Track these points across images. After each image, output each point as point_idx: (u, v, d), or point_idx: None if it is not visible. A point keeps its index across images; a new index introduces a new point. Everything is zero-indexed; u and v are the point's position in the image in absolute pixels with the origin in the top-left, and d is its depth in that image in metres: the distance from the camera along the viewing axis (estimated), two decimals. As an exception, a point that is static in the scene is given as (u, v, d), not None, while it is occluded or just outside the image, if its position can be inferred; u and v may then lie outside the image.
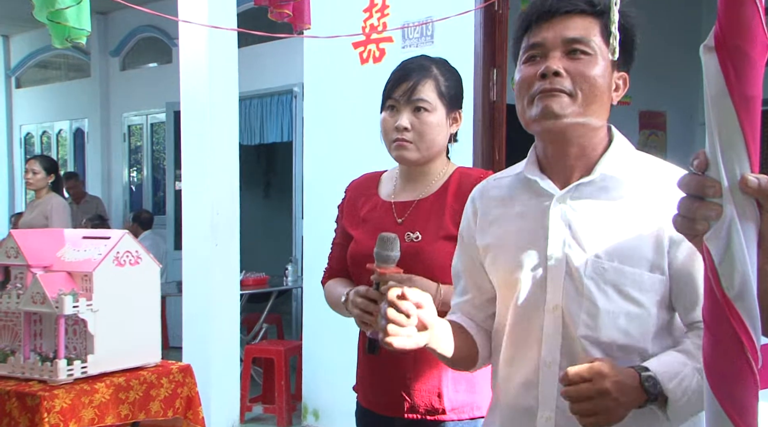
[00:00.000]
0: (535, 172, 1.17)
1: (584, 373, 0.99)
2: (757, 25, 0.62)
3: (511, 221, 1.19)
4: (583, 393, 0.98)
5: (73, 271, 2.09)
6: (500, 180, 1.26)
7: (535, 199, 1.16)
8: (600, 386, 0.98)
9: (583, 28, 1.11)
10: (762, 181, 0.65)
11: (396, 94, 1.55)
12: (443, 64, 1.61)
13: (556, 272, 1.11)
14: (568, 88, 1.08)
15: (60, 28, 1.69)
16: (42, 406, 1.88)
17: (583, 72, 1.09)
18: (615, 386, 0.98)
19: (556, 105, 1.08)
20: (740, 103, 0.64)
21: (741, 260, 0.66)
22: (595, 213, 1.11)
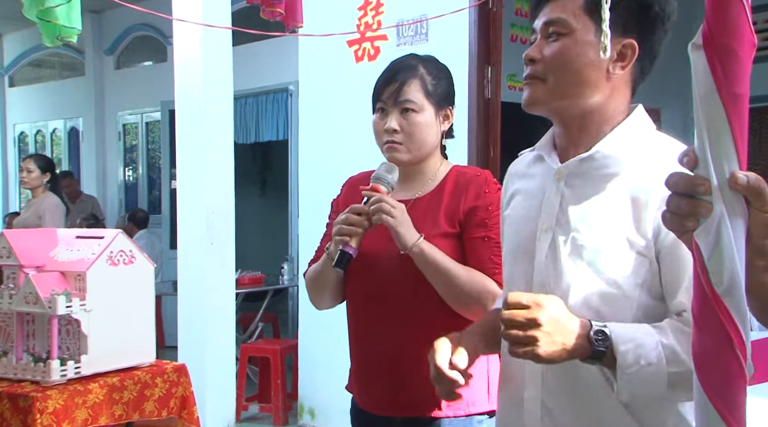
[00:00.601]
0: (544, 148, 1.19)
1: (523, 299, 0.97)
2: (744, 24, 0.63)
3: (523, 194, 1.21)
4: (514, 319, 0.96)
5: (66, 271, 2.09)
6: (524, 156, 1.27)
7: (543, 174, 1.17)
8: (532, 315, 0.95)
9: (561, 7, 1.10)
10: (750, 178, 0.66)
11: (384, 96, 1.55)
12: (431, 62, 1.60)
13: (542, 247, 1.12)
14: (540, 74, 1.09)
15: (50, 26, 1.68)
16: (35, 407, 1.87)
17: (554, 54, 1.08)
18: (550, 320, 0.95)
19: (530, 92, 1.11)
20: (728, 100, 0.64)
21: (730, 256, 0.66)
22: (586, 190, 1.10)
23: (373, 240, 1.56)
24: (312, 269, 1.63)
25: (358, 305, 1.61)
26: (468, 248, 1.53)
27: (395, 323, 1.53)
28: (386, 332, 1.54)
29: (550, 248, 1.10)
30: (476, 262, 1.52)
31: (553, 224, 1.11)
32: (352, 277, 1.60)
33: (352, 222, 1.43)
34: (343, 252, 1.41)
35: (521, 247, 1.16)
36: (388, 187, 1.48)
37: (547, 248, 1.11)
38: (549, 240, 1.11)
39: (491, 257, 1.51)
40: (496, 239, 1.52)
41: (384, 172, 1.49)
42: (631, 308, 1.05)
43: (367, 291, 1.57)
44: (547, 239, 1.11)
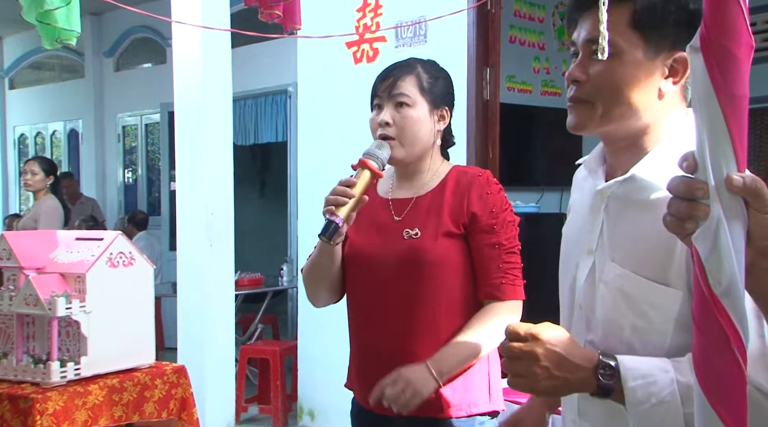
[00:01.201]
0: (591, 164, 1.13)
1: (520, 331, 0.93)
2: (742, 26, 0.63)
3: (573, 209, 1.18)
4: (512, 351, 0.93)
5: (66, 272, 2.09)
6: (582, 165, 1.20)
7: (590, 191, 1.12)
8: (530, 349, 0.92)
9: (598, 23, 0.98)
10: (747, 180, 0.66)
11: (379, 91, 1.56)
12: (430, 64, 1.61)
13: (583, 269, 1.08)
14: (587, 96, 1.02)
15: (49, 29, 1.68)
16: (35, 408, 1.87)
17: (601, 77, 1.01)
18: (548, 354, 0.92)
19: (577, 118, 1.04)
20: (726, 102, 0.65)
21: (728, 258, 0.66)
22: (625, 215, 1.04)
23: (372, 238, 1.57)
24: (308, 260, 1.63)
25: (358, 303, 1.61)
26: (476, 256, 1.53)
27: (396, 320, 1.53)
28: (387, 329, 1.54)
29: (590, 273, 1.07)
30: (483, 274, 1.53)
31: (594, 247, 1.07)
32: (351, 273, 1.60)
33: (338, 192, 1.43)
34: (330, 221, 1.41)
35: (567, 266, 1.13)
36: (378, 163, 1.48)
37: (587, 273, 1.07)
38: (590, 264, 1.07)
39: (500, 265, 1.51)
40: (506, 245, 1.53)
41: (374, 149, 1.50)
42: (664, 344, 0.98)
43: (367, 289, 1.57)
44: (588, 262, 1.07)
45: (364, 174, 1.45)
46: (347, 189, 1.43)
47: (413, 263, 1.50)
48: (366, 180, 1.45)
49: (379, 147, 1.50)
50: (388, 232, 1.56)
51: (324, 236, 1.41)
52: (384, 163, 1.50)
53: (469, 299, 1.54)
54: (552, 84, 5.04)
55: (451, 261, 1.52)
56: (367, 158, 1.47)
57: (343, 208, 1.41)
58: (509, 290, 1.52)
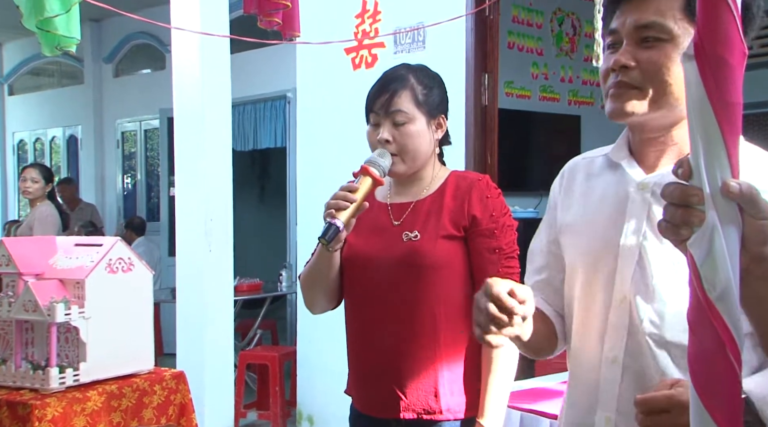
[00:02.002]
0: (621, 155, 1.11)
1: (663, 403, 0.87)
2: (735, 33, 0.63)
3: (592, 201, 1.14)
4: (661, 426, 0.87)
5: (65, 278, 2.09)
6: (590, 159, 1.19)
7: (617, 183, 1.10)
8: (680, 421, 0.84)
9: (657, 9, 1.00)
10: (743, 186, 0.66)
11: (375, 108, 1.56)
12: (422, 71, 1.61)
13: (628, 261, 1.04)
14: (637, 82, 1.00)
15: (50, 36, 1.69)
16: (33, 415, 1.87)
17: (655, 62, 0.99)
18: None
19: (625, 104, 1.02)
20: (720, 110, 0.65)
21: (722, 264, 0.67)
22: None
23: (371, 242, 1.57)
24: (305, 267, 1.64)
25: (357, 307, 1.61)
26: (476, 260, 1.54)
27: (394, 325, 1.53)
28: (385, 334, 1.54)
29: (638, 264, 1.04)
30: (482, 279, 1.51)
31: (641, 238, 1.04)
32: (350, 276, 1.60)
33: (339, 197, 1.43)
34: (330, 224, 1.41)
35: (599, 258, 1.08)
36: (380, 170, 1.49)
37: (636, 264, 1.04)
38: (636, 255, 1.04)
39: (499, 269, 1.51)
40: (506, 249, 1.53)
41: (376, 157, 1.51)
42: None
43: (366, 293, 1.57)
44: (633, 253, 1.04)
45: (365, 181, 1.46)
46: (348, 194, 1.43)
47: (413, 265, 1.51)
48: (367, 187, 1.46)
49: (381, 155, 1.51)
50: (387, 235, 1.57)
51: (324, 238, 1.41)
52: (385, 171, 1.51)
53: (468, 302, 1.54)
54: (550, 89, 5.06)
55: (450, 263, 1.52)
56: (369, 166, 1.48)
57: (343, 212, 1.42)
58: None
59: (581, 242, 1.13)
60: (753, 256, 0.68)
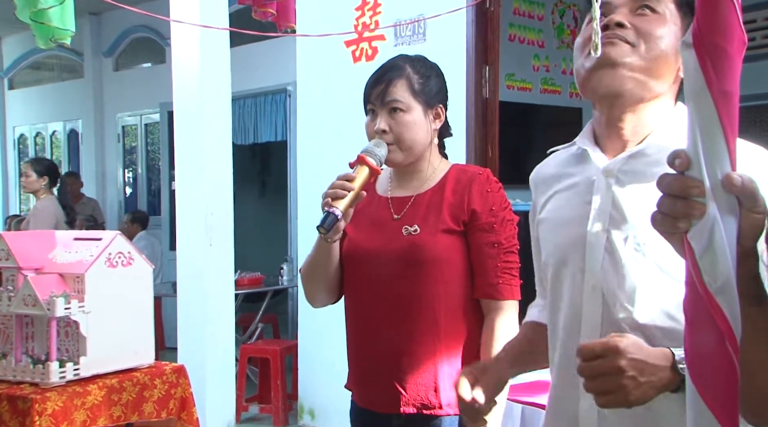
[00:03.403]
0: (586, 143, 1.11)
1: (597, 349, 0.90)
2: (734, 22, 0.63)
3: (561, 194, 1.14)
4: (595, 370, 0.90)
5: (64, 273, 2.09)
6: (557, 155, 1.20)
7: (585, 172, 1.11)
8: (613, 364, 0.89)
9: None
10: (745, 179, 0.65)
11: (372, 98, 1.56)
12: (419, 61, 1.60)
13: (596, 248, 1.05)
14: (631, 39, 1.01)
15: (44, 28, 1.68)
16: (33, 409, 1.87)
17: (648, 26, 1.01)
18: (632, 363, 0.89)
19: (616, 51, 1.01)
20: (719, 98, 0.64)
21: (723, 256, 0.66)
22: (643, 187, 1.02)
23: (371, 236, 1.57)
24: (306, 260, 1.63)
25: (357, 301, 1.61)
26: (474, 255, 1.53)
27: (394, 319, 1.53)
28: (385, 329, 1.54)
29: (606, 250, 1.04)
30: (481, 273, 1.53)
31: (607, 224, 1.05)
32: (350, 271, 1.60)
33: (337, 186, 1.43)
34: (328, 213, 1.40)
35: (568, 250, 1.10)
36: (377, 160, 1.48)
37: (604, 250, 1.04)
38: (603, 241, 1.05)
39: (498, 264, 1.51)
40: (505, 244, 1.53)
41: (373, 147, 1.50)
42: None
43: (366, 287, 1.57)
44: (600, 240, 1.05)
45: (362, 170, 1.46)
46: (346, 183, 1.43)
47: (413, 260, 1.50)
48: (365, 176, 1.45)
49: (377, 145, 1.51)
50: (388, 229, 1.56)
51: (322, 227, 1.41)
52: (382, 160, 1.50)
53: (468, 296, 1.54)
54: (551, 82, 5.04)
55: (450, 258, 1.52)
56: (366, 155, 1.47)
57: (341, 201, 1.41)
58: (506, 291, 1.52)
59: (553, 234, 1.14)
60: (744, 251, 0.67)
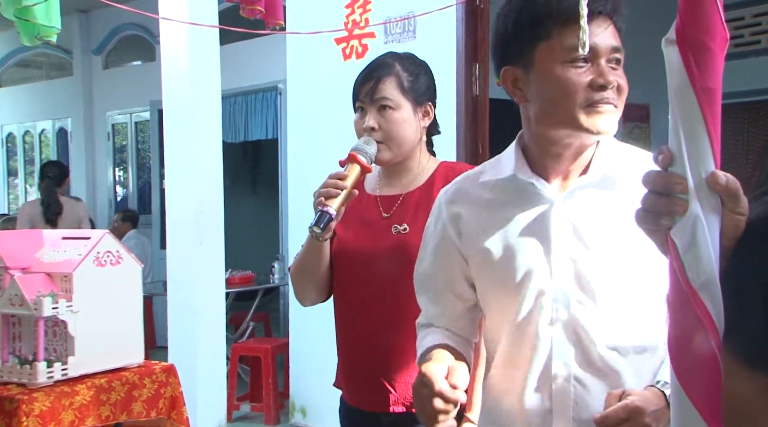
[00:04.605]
0: (528, 174, 1.13)
1: (621, 414, 0.95)
2: (717, 19, 0.63)
3: (506, 226, 1.14)
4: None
5: (52, 272, 2.08)
6: (484, 183, 1.19)
7: (531, 203, 1.13)
8: (641, 423, 0.94)
9: (614, 34, 1.07)
10: (729, 179, 0.66)
11: (361, 96, 1.56)
12: (408, 59, 1.60)
13: (563, 279, 1.08)
14: (614, 101, 1.08)
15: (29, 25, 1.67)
16: (21, 409, 1.86)
17: (622, 84, 1.08)
18: (652, 416, 0.95)
19: (613, 121, 1.08)
20: (702, 95, 0.64)
21: (706, 253, 0.66)
22: (598, 214, 1.08)
23: (360, 234, 1.56)
24: (295, 259, 1.63)
25: (346, 300, 1.61)
26: None
27: (383, 317, 1.53)
28: (374, 327, 1.54)
29: (576, 279, 1.07)
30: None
31: (573, 253, 1.08)
32: (339, 270, 1.59)
33: (330, 185, 1.43)
34: (322, 212, 1.40)
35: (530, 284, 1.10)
36: (367, 158, 1.48)
37: (575, 279, 1.07)
38: (571, 273, 1.08)
39: None
40: None
41: (363, 144, 1.50)
42: None
43: (355, 286, 1.57)
44: (568, 270, 1.08)
45: (354, 168, 1.45)
46: (338, 181, 1.43)
47: (402, 258, 1.50)
48: (356, 174, 1.45)
49: (367, 143, 1.51)
50: (377, 228, 1.56)
51: (317, 226, 1.41)
52: (372, 158, 1.50)
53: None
54: (542, 79, 5.04)
55: None
56: (357, 153, 1.47)
57: (334, 200, 1.41)
58: None
59: (504, 268, 1.13)
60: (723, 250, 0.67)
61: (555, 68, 1.07)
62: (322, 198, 1.42)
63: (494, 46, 1.15)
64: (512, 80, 1.13)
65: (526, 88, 1.11)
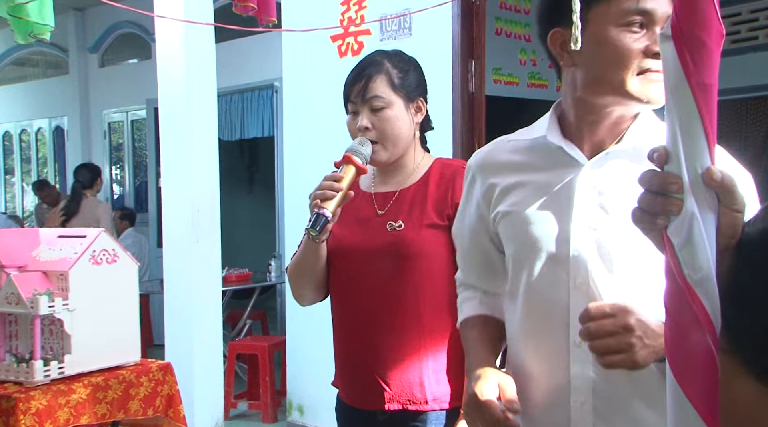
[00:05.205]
0: (558, 138, 1.11)
1: (607, 308, 0.92)
2: (712, 14, 0.62)
3: (531, 189, 1.13)
4: (605, 328, 0.91)
5: (48, 270, 2.07)
6: (514, 143, 1.18)
7: (559, 167, 1.11)
8: (624, 322, 0.91)
9: (670, 2, 1.02)
10: (724, 175, 0.65)
11: (352, 96, 1.55)
12: (396, 56, 1.59)
13: (584, 246, 1.06)
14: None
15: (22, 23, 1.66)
16: (17, 408, 1.86)
17: None
18: (639, 323, 0.91)
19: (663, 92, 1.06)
20: (698, 90, 0.64)
21: (702, 250, 0.66)
22: (626, 183, 1.03)
23: (355, 232, 1.56)
24: (292, 259, 1.63)
25: (342, 297, 1.61)
26: None
27: (379, 315, 1.53)
28: (370, 325, 1.54)
29: (597, 250, 1.05)
30: None
31: (594, 221, 1.06)
32: (335, 270, 1.59)
33: (325, 187, 1.43)
34: (318, 215, 1.40)
35: (549, 249, 1.09)
36: (362, 158, 1.48)
37: (595, 248, 1.05)
38: (592, 240, 1.06)
39: None
40: None
41: (357, 145, 1.49)
42: None
43: (351, 283, 1.57)
44: (587, 239, 1.06)
45: (349, 169, 1.45)
46: (334, 183, 1.42)
47: (397, 255, 1.50)
48: (352, 175, 1.45)
49: (361, 143, 1.50)
50: (372, 225, 1.56)
51: (313, 229, 1.40)
52: (367, 159, 1.50)
53: (453, 291, 1.54)
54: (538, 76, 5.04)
55: (435, 253, 1.52)
56: (352, 154, 1.47)
57: (330, 202, 1.41)
58: None
59: (526, 230, 1.12)
60: (721, 248, 0.67)
61: (609, 31, 1.03)
62: (317, 200, 1.41)
63: (544, 7, 1.12)
64: (561, 43, 1.08)
65: (576, 51, 1.05)
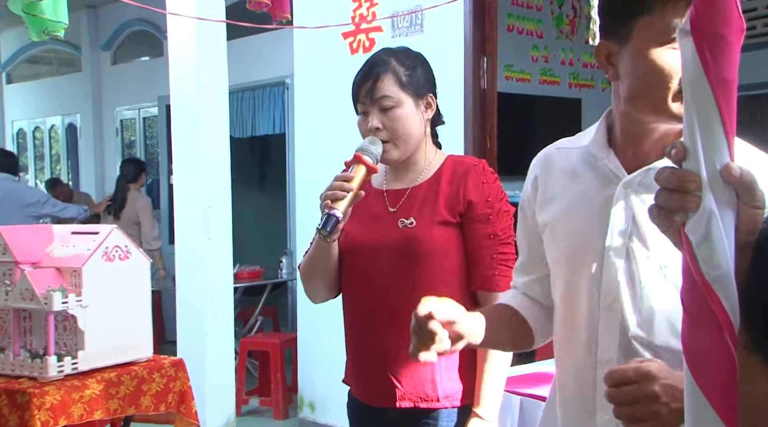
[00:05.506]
0: (602, 148, 1.09)
1: (630, 374, 0.89)
2: (733, 8, 0.62)
3: (572, 199, 1.12)
4: (629, 396, 0.88)
5: (62, 267, 2.09)
6: (567, 150, 1.17)
7: (599, 180, 1.09)
8: (647, 390, 0.87)
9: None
10: (743, 171, 0.64)
11: (361, 97, 1.55)
12: (402, 53, 1.58)
13: (615, 263, 1.05)
14: None
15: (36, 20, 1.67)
16: (32, 403, 1.87)
17: None
18: (665, 389, 0.87)
19: None
20: (717, 86, 0.63)
21: (720, 248, 0.65)
22: None
23: (367, 229, 1.56)
24: (304, 257, 1.63)
25: (353, 294, 1.61)
26: (471, 246, 1.52)
27: (390, 313, 1.53)
28: (381, 322, 1.54)
29: (627, 268, 1.04)
30: (477, 265, 1.52)
31: (627, 240, 1.04)
32: (346, 268, 1.59)
33: (336, 187, 1.42)
34: (329, 215, 1.40)
35: (580, 260, 1.08)
36: (373, 158, 1.47)
37: (624, 267, 1.04)
38: (623, 258, 1.04)
39: (494, 255, 1.50)
40: (501, 235, 1.52)
41: (368, 144, 1.49)
42: None
43: (363, 281, 1.57)
44: (619, 254, 1.04)
45: (360, 169, 1.45)
46: (345, 183, 1.42)
47: (409, 252, 1.50)
48: (362, 175, 1.45)
49: (372, 143, 1.50)
50: (384, 222, 1.55)
51: (324, 229, 1.40)
52: (378, 158, 1.49)
53: (464, 288, 1.54)
54: (550, 73, 5.01)
55: (446, 250, 1.51)
56: (362, 154, 1.46)
57: (341, 202, 1.40)
58: (502, 282, 1.51)
59: (563, 242, 1.12)
60: (740, 245, 0.66)
61: (651, 47, 1.00)
62: (328, 201, 1.41)
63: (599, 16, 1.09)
64: (606, 55, 1.06)
65: (620, 64, 1.04)
